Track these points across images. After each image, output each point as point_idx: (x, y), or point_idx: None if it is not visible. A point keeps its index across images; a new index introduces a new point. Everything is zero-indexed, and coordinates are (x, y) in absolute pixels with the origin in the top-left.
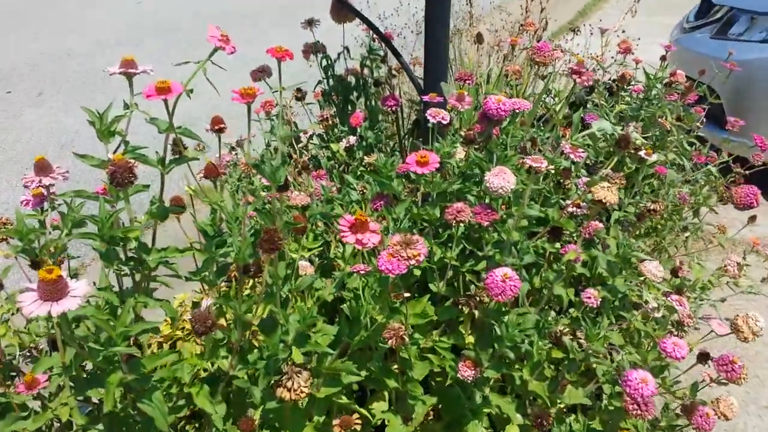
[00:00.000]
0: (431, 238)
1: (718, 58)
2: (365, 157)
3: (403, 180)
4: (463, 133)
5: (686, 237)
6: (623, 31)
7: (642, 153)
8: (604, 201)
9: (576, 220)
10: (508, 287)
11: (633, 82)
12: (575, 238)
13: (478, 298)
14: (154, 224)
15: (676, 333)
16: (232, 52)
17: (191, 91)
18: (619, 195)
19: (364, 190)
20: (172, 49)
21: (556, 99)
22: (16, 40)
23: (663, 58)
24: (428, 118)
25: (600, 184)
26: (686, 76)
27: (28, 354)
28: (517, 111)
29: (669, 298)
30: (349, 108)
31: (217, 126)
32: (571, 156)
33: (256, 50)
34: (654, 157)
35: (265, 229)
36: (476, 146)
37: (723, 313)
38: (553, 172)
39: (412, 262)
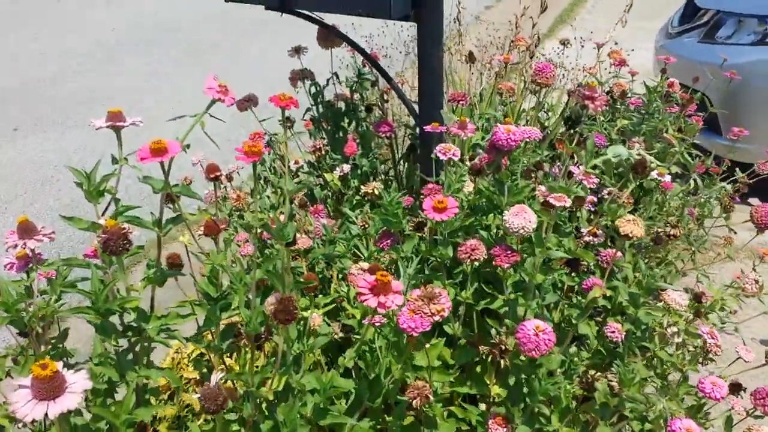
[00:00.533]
0: (443, 276)
1: (708, 62)
2: (362, 186)
3: (408, 212)
4: (469, 164)
5: (693, 250)
6: (615, 43)
7: (655, 174)
8: (631, 235)
9: (592, 249)
10: (542, 342)
11: (630, 94)
12: (593, 268)
13: (503, 347)
14: (153, 289)
15: (701, 361)
16: (231, 104)
17: (188, 146)
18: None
19: (366, 225)
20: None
21: (551, 114)
22: None
23: (663, 71)
24: (439, 155)
25: (625, 217)
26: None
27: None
28: (528, 140)
29: (699, 330)
30: (341, 134)
31: (213, 174)
32: (584, 182)
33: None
34: (667, 178)
35: (279, 298)
36: (485, 176)
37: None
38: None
39: (436, 318)
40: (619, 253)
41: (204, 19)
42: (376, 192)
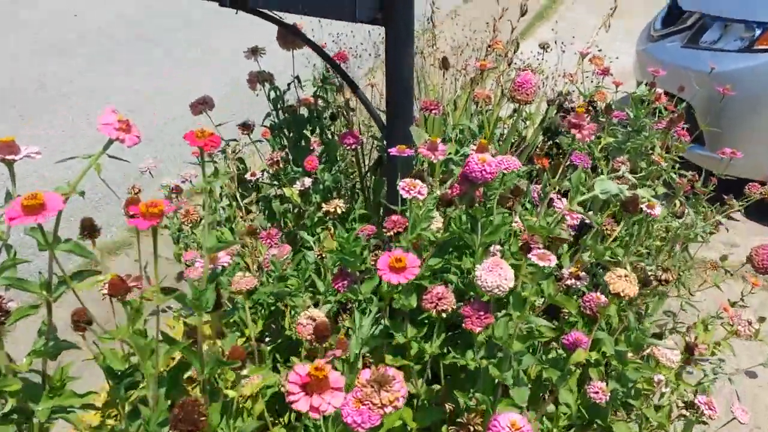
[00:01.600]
0: (405, 325)
1: (692, 68)
2: (323, 204)
3: (370, 243)
4: (438, 189)
5: (679, 275)
6: (599, 49)
7: (644, 207)
8: (622, 294)
9: (575, 293)
10: None
11: (613, 106)
12: (575, 315)
13: (472, 428)
14: (43, 363)
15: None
16: (134, 143)
17: (83, 193)
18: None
19: (322, 255)
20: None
21: (529, 122)
22: None
23: (652, 85)
24: (401, 192)
25: (616, 273)
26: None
27: None
28: (506, 171)
29: (697, 401)
30: (303, 143)
31: (87, 231)
32: (567, 218)
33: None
34: (658, 210)
35: (180, 403)
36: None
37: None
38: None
39: (389, 409)
40: (604, 299)
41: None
42: (339, 211)
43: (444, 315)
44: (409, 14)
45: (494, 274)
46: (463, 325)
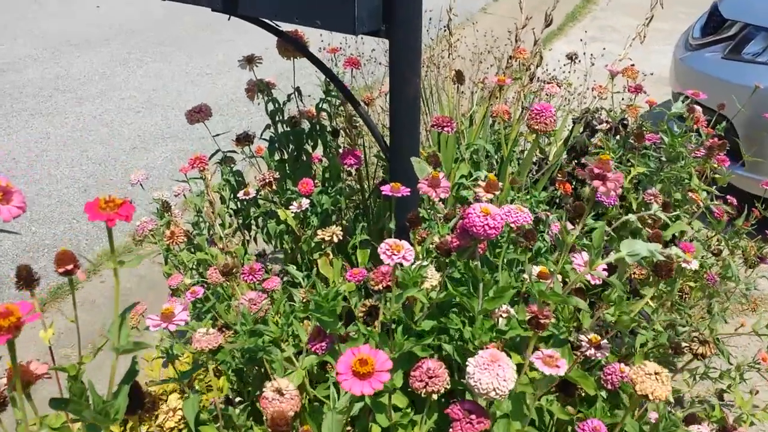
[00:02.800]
0: (390, 402)
1: (732, 82)
2: (318, 231)
3: (360, 291)
4: (437, 240)
5: (710, 321)
6: (631, 62)
7: (681, 261)
8: (651, 397)
9: (595, 368)
10: None
11: (642, 124)
12: (595, 391)
13: None
14: None
15: None
16: (13, 216)
17: None
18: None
19: (307, 299)
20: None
21: (552, 139)
22: None
23: (691, 110)
24: (381, 256)
25: (645, 370)
26: (696, 102)
27: None
28: (513, 225)
29: None
30: (304, 158)
31: (63, 268)
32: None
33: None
34: (694, 264)
35: None
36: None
37: None
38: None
39: None
40: (628, 370)
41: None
42: (335, 239)
43: (435, 396)
44: (415, 25)
45: (491, 373)
46: (453, 427)
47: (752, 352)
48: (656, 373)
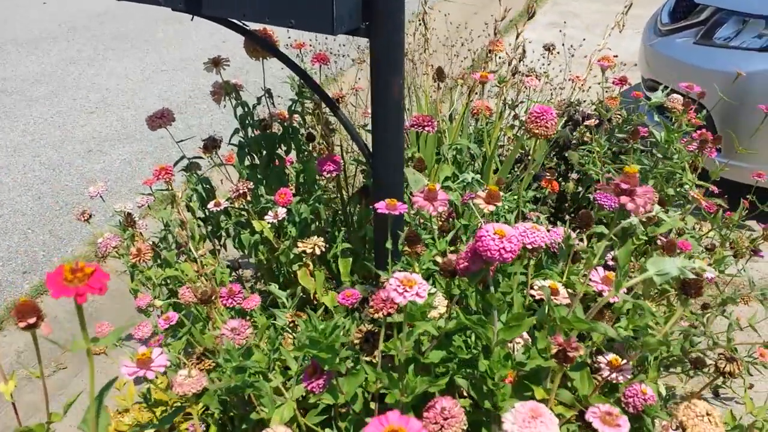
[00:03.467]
0: None
1: (704, 67)
2: (299, 242)
3: (356, 316)
4: (439, 260)
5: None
6: (615, 55)
7: (707, 274)
8: None
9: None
10: None
11: (623, 114)
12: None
13: None
14: None
15: None
16: None
17: None
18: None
19: (295, 321)
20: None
21: None
22: None
23: (693, 102)
24: (392, 294)
25: (695, 410)
26: (675, 91)
27: None
28: (531, 248)
29: None
30: (277, 163)
31: (25, 323)
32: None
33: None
34: (710, 274)
35: None
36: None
37: None
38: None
39: None
40: (650, 393)
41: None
42: (317, 251)
43: None
44: (398, 21)
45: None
46: None
47: (746, 346)
48: (707, 414)
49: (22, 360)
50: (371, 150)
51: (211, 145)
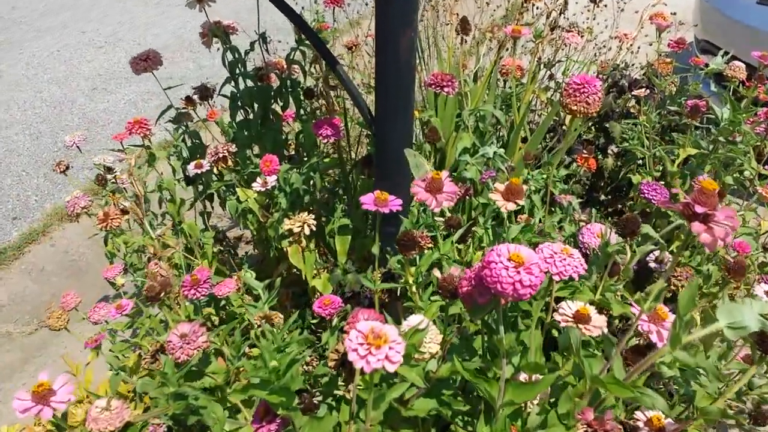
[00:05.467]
0: None
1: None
2: (286, 218)
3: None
4: (438, 275)
5: None
6: (667, 7)
7: None
8: None
9: None
10: None
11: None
12: None
13: None
14: None
15: None
16: None
17: None
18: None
19: (270, 320)
20: None
21: None
22: None
23: (733, 69)
24: (351, 356)
25: None
26: (728, 54)
27: None
28: (558, 278)
29: None
30: (272, 119)
31: None
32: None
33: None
34: None
35: None
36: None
37: None
38: None
39: None
40: None
41: None
42: (306, 231)
43: None
44: None
45: None
46: None
47: None
48: None
49: (4, 314)
50: (374, 115)
51: (203, 95)
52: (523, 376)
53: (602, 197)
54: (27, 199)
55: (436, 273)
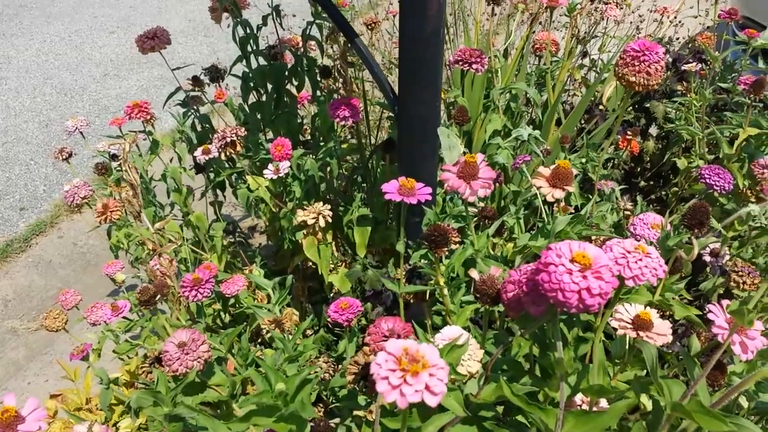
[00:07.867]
0: None
1: None
2: (300, 209)
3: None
4: (476, 276)
5: None
6: None
7: None
8: None
9: None
10: None
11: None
12: None
13: None
14: None
15: None
16: None
17: None
18: None
19: (283, 325)
20: None
21: (606, 77)
22: None
23: None
24: (381, 386)
25: None
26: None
27: None
28: (632, 283)
29: None
30: (287, 100)
31: None
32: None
33: None
34: None
35: None
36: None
37: None
38: None
39: None
40: None
41: None
42: (321, 223)
43: None
44: None
45: None
46: None
47: None
48: None
49: (9, 309)
50: (396, 93)
51: (213, 76)
52: (579, 397)
53: (641, 183)
54: (35, 188)
55: (473, 274)
